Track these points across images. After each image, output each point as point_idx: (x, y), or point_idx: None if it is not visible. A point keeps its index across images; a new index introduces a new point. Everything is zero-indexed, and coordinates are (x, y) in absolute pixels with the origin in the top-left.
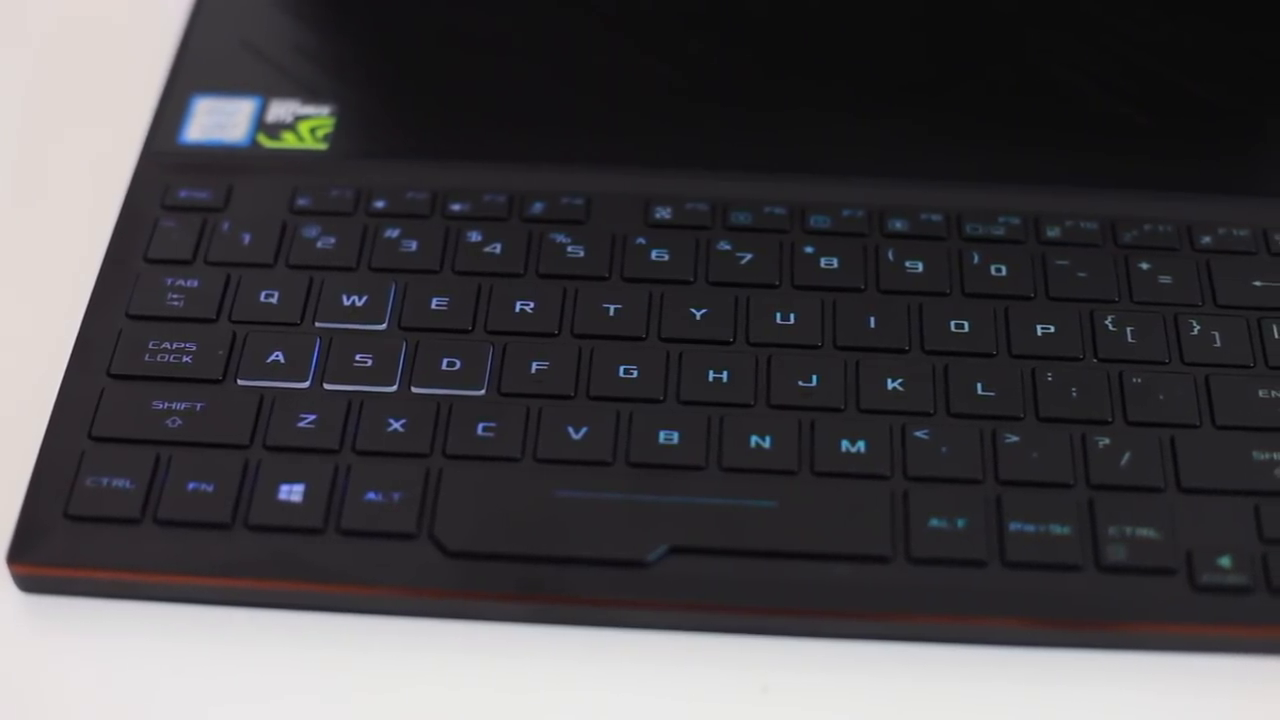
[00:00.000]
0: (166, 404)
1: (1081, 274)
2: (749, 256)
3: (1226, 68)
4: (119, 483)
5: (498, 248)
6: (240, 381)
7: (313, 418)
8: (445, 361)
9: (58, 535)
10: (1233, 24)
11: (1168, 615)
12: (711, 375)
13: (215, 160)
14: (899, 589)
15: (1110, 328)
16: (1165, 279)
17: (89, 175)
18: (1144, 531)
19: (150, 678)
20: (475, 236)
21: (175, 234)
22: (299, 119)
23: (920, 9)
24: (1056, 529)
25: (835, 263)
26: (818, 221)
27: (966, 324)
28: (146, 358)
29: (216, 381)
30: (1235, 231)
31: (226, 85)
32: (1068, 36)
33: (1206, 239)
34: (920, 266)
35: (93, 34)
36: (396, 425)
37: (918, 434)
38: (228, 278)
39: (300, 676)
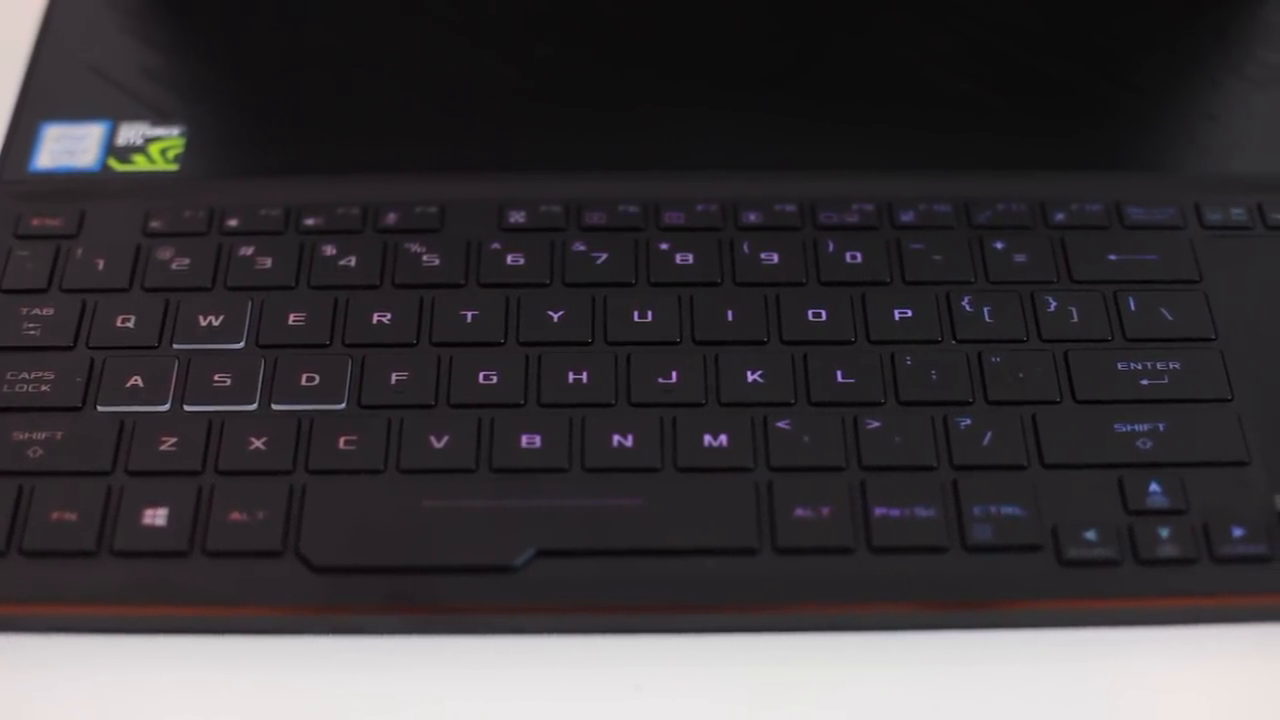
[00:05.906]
0: (27, 434)
1: (937, 257)
2: (604, 256)
3: (1072, 44)
4: None
5: (353, 260)
6: (100, 408)
7: (174, 440)
8: (304, 377)
9: None
10: (1079, 1)
11: (1036, 592)
12: (571, 377)
13: (67, 187)
14: (767, 580)
15: (967, 309)
16: (1020, 257)
17: None
18: (1009, 509)
19: (20, 709)
20: (330, 250)
21: (29, 263)
22: (149, 141)
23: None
24: (921, 511)
25: (690, 258)
26: (672, 218)
27: (824, 312)
28: (5, 388)
29: (76, 409)
30: (1088, 206)
31: (75, 111)
32: (915, 19)
33: (1060, 215)
34: (775, 258)
35: None
36: (258, 443)
37: (779, 425)
38: (83, 304)
39: (171, 700)
